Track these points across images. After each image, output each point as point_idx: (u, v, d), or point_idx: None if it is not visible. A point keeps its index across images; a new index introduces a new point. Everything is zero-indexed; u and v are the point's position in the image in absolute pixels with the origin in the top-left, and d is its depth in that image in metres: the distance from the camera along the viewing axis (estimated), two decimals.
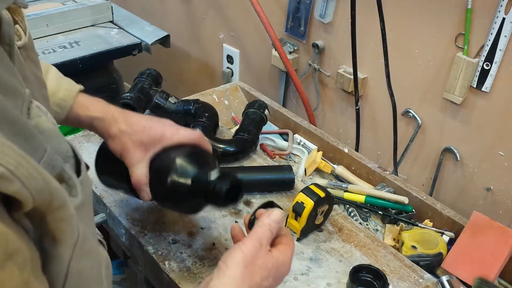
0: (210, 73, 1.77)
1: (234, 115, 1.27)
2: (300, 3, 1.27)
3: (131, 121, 0.72)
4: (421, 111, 1.13)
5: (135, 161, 0.71)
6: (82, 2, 1.56)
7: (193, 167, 0.70)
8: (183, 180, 0.69)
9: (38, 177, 0.30)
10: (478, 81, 0.99)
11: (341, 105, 1.32)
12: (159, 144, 0.71)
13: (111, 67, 1.59)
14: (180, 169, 0.69)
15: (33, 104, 0.36)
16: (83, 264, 0.38)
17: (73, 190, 0.36)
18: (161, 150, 0.72)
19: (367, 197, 1.01)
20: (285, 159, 1.14)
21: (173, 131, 0.72)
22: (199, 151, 0.74)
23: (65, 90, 0.73)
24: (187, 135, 0.73)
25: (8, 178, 0.28)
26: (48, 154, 0.34)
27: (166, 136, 0.71)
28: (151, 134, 0.71)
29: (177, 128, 0.73)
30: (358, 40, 1.12)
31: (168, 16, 1.83)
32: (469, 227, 0.90)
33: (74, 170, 0.38)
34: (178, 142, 0.72)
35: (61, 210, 0.32)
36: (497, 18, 0.91)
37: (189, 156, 0.71)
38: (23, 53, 0.46)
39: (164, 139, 0.71)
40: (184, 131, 0.73)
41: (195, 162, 0.70)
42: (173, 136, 0.72)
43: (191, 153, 0.72)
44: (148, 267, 0.85)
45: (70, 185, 0.36)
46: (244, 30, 1.52)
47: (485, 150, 1.04)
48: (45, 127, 0.36)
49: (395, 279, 0.81)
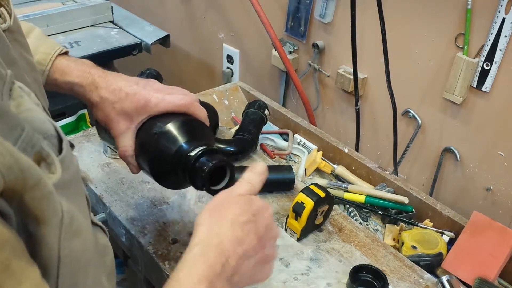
0: (210, 73, 1.77)
1: (234, 115, 1.27)
2: (300, 3, 1.27)
3: (112, 87, 0.66)
4: (421, 111, 1.13)
5: (120, 132, 0.67)
6: (82, 2, 1.56)
7: (176, 139, 0.65)
8: (164, 155, 0.65)
9: (6, 154, 0.29)
10: (478, 81, 0.99)
11: (341, 105, 1.32)
12: (144, 113, 0.66)
13: (111, 67, 1.59)
14: (161, 143, 0.65)
15: (15, 85, 0.36)
16: (75, 245, 0.37)
17: (52, 167, 0.35)
18: (146, 120, 0.67)
19: (367, 197, 1.01)
20: (285, 159, 1.14)
21: (159, 98, 0.66)
22: (186, 122, 0.67)
23: (43, 53, 0.67)
24: (174, 102, 0.67)
25: None
26: (27, 133, 0.33)
27: (151, 104, 0.66)
28: (134, 102, 0.65)
29: (164, 94, 0.67)
30: (358, 40, 1.12)
31: (168, 16, 1.83)
32: (469, 227, 0.90)
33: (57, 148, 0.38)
34: (164, 110, 0.67)
35: (37, 187, 0.31)
36: (497, 18, 0.91)
37: (173, 126, 0.66)
38: (8, 35, 0.45)
39: (149, 107, 0.66)
40: (170, 98, 0.67)
41: (179, 135, 0.65)
42: (159, 104, 0.66)
43: (176, 125, 0.66)
44: (148, 267, 0.85)
45: (48, 162, 0.35)
46: (244, 30, 1.52)
47: (485, 150, 1.04)
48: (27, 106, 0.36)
49: (395, 279, 0.81)
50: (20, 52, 0.48)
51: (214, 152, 0.65)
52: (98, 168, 0.98)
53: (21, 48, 0.49)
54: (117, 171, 0.98)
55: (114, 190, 0.93)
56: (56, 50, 0.69)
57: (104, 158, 1.01)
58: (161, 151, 0.66)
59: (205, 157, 0.63)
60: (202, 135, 0.69)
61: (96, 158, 1.01)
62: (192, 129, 0.68)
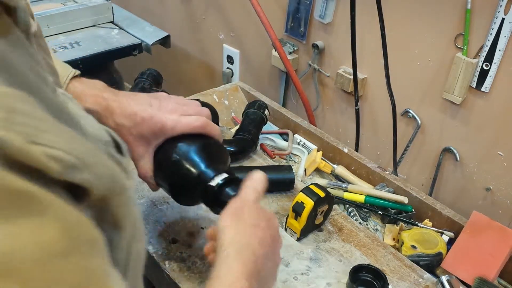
0: (210, 73, 1.78)
1: (234, 115, 1.27)
2: (300, 3, 1.28)
3: (128, 112, 0.66)
4: (421, 111, 1.13)
5: (139, 156, 0.68)
6: (83, 3, 1.56)
7: (194, 166, 0.67)
8: (186, 178, 0.67)
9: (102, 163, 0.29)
10: (478, 81, 0.99)
11: (341, 105, 1.32)
12: (161, 136, 0.67)
13: (112, 67, 1.59)
14: (181, 169, 0.67)
15: (57, 91, 0.35)
16: (138, 247, 0.37)
17: (127, 173, 0.35)
18: (163, 143, 0.68)
19: (367, 197, 1.01)
20: (285, 159, 1.14)
21: (174, 120, 0.67)
22: (203, 146, 0.69)
23: None
24: (189, 125, 0.68)
25: (77, 167, 0.27)
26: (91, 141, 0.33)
27: (168, 127, 0.67)
28: (151, 126, 0.66)
29: (179, 115, 0.68)
30: (358, 40, 1.13)
31: (168, 17, 1.83)
32: (469, 227, 0.90)
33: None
34: (181, 133, 0.68)
35: (122, 195, 0.32)
36: (497, 18, 0.91)
37: (191, 151, 0.67)
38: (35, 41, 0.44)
39: (165, 130, 0.67)
40: (186, 120, 0.68)
41: (197, 158, 0.67)
42: (176, 127, 0.67)
43: (194, 150, 0.67)
44: (148, 267, 0.85)
45: (123, 169, 0.35)
46: (244, 30, 1.53)
47: (485, 150, 1.04)
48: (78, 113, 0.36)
49: (395, 279, 0.81)
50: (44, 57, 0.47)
51: (234, 181, 0.66)
52: None
53: (44, 52, 0.48)
54: None
55: None
56: (70, 73, 0.69)
57: None
58: (181, 177, 0.67)
59: (227, 188, 0.65)
60: (220, 158, 0.70)
61: None
62: (210, 153, 0.69)
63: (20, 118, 0.26)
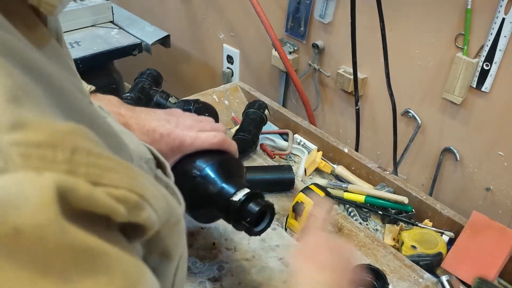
0: (210, 73, 1.78)
1: (234, 115, 1.27)
2: (300, 3, 1.27)
3: (146, 128, 0.66)
4: (421, 111, 1.13)
5: None
6: (83, 2, 1.56)
7: (215, 181, 0.66)
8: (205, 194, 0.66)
9: (160, 194, 0.27)
10: (478, 81, 0.99)
11: (341, 105, 1.32)
12: (179, 152, 0.67)
13: (112, 67, 1.59)
14: (201, 186, 0.65)
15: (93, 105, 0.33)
16: (182, 273, 0.36)
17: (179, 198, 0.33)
18: (182, 158, 0.68)
19: (367, 197, 1.01)
20: (285, 159, 1.14)
21: (192, 137, 0.66)
22: (222, 161, 0.68)
23: None
24: (207, 141, 0.67)
25: (140, 205, 0.24)
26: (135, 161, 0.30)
27: (186, 143, 0.66)
28: (170, 143, 0.66)
29: (196, 131, 0.68)
30: (358, 40, 1.12)
31: (168, 16, 1.83)
32: (469, 227, 0.90)
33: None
34: (199, 149, 0.67)
35: (177, 225, 0.30)
36: (497, 18, 0.91)
37: (212, 168, 0.66)
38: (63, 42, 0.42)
39: (184, 147, 0.66)
40: (204, 137, 0.67)
41: (218, 174, 0.66)
42: (193, 144, 0.67)
43: (213, 164, 0.67)
44: None
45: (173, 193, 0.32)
46: (244, 30, 1.53)
47: (485, 150, 1.04)
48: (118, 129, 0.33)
49: (395, 279, 0.81)
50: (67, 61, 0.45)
51: (256, 196, 0.65)
52: None
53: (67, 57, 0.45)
54: None
55: None
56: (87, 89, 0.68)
57: None
58: (201, 193, 0.66)
59: (250, 203, 0.64)
60: (239, 173, 0.70)
61: None
62: (230, 169, 0.68)
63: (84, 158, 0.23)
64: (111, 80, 1.57)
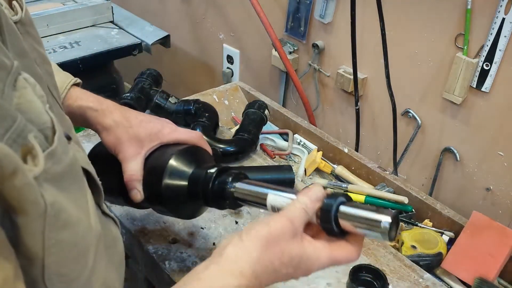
0: (210, 73, 1.78)
1: (234, 115, 1.27)
2: (300, 3, 1.27)
3: (127, 114, 0.68)
4: (421, 111, 1.13)
5: (129, 156, 0.66)
6: (83, 2, 1.56)
7: (191, 165, 0.66)
8: (180, 180, 0.65)
9: None
10: (478, 81, 0.99)
11: (341, 105, 1.32)
12: (156, 140, 0.68)
13: (112, 67, 1.59)
14: (176, 167, 0.65)
15: (20, 76, 0.36)
16: (63, 236, 0.38)
17: (35, 160, 0.35)
18: (158, 147, 0.68)
19: (367, 197, 1.01)
20: (285, 159, 1.14)
21: (172, 128, 0.70)
22: (198, 150, 0.70)
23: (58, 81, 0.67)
24: (186, 134, 0.70)
25: None
26: (18, 124, 0.34)
27: (164, 132, 0.68)
28: (148, 129, 0.67)
29: (176, 126, 0.71)
30: (358, 40, 1.13)
31: (168, 16, 1.83)
32: (469, 227, 0.90)
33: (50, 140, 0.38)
34: (176, 140, 0.69)
35: (14, 177, 0.32)
36: (497, 18, 0.91)
37: (188, 153, 0.67)
38: (20, 27, 0.46)
39: (161, 135, 0.68)
40: (183, 130, 0.71)
41: (193, 160, 0.67)
42: (172, 134, 0.69)
43: (190, 151, 0.67)
44: (148, 267, 0.85)
45: (33, 155, 0.35)
46: (244, 30, 1.53)
47: (485, 150, 1.04)
48: (28, 98, 0.36)
49: (395, 279, 0.81)
50: (32, 44, 0.49)
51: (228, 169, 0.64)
52: None
53: (32, 40, 0.49)
54: None
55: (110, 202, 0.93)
56: (71, 80, 0.71)
57: None
58: (178, 173, 0.64)
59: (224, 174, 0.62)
60: (211, 160, 0.70)
61: None
62: (205, 157, 0.69)
63: None
64: (111, 80, 1.57)
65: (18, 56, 0.40)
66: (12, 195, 0.32)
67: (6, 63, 0.35)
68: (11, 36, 0.41)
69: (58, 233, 0.37)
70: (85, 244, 0.42)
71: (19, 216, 0.34)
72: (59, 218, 0.37)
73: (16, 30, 0.43)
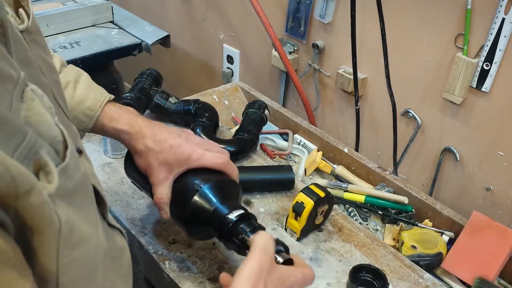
0: (210, 73, 1.78)
1: (234, 115, 1.27)
2: (300, 3, 1.27)
3: (158, 138, 0.71)
4: (421, 111, 1.13)
5: (159, 181, 0.71)
6: (83, 3, 1.56)
7: (214, 199, 0.69)
8: (203, 209, 0.69)
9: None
10: (478, 81, 0.99)
11: (341, 105, 1.32)
12: (184, 165, 0.71)
13: (112, 67, 1.59)
14: (202, 198, 0.69)
15: (27, 87, 0.35)
16: (76, 254, 0.37)
17: (49, 176, 0.34)
18: (185, 172, 0.72)
19: (367, 197, 1.01)
20: (285, 159, 1.14)
21: (199, 153, 0.72)
22: (224, 182, 0.72)
23: (93, 99, 0.72)
24: (212, 160, 0.72)
25: None
26: (29, 139, 0.32)
27: (192, 158, 0.71)
28: (177, 154, 0.70)
29: (204, 150, 0.73)
30: (358, 40, 1.13)
31: (168, 16, 1.83)
32: (469, 227, 0.90)
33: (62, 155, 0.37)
34: (204, 165, 0.72)
35: (30, 195, 0.31)
36: (497, 18, 0.91)
37: (213, 186, 0.70)
38: (26, 36, 0.45)
39: (190, 160, 0.71)
40: (210, 155, 0.72)
41: (218, 193, 0.70)
42: (199, 160, 0.71)
43: (216, 182, 0.71)
44: (148, 267, 0.85)
45: (46, 171, 0.34)
46: (244, 30, 1.53)
47: (485, 150, 1.04)
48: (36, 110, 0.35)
49: (395, 279, 0.81)
50: (38, 52, 0.48)
51: (250, 217, 0.68)
52: (98, 168, 0.98)
53: (39, 49, 0.49)
54: (117, 171, 0.98)
55: (114, 190, 0.94)
56: (106, 97, 0.74)
57: (105, 158, 1.02)
58: (198, 208, 0.69)
59: (243, 223, 0.67)
60: (236, 195, 0.73)
61: (96, 158, 1.01)
62: (229, 191, 0.72)
63: None
64: (111, 80, 1.57)
65: (22, 65, 0.39)
66: (28, 214, 0.31)
67: (12, 74, 0.34)
68: (16, 45, 0.40)
69: (71, 251, 0.36)
70: (95, 261, 0.42)
71: (34, 235, 0.33)
72: (72, 236, 0.36)
73: (21, 39, 0.43)
